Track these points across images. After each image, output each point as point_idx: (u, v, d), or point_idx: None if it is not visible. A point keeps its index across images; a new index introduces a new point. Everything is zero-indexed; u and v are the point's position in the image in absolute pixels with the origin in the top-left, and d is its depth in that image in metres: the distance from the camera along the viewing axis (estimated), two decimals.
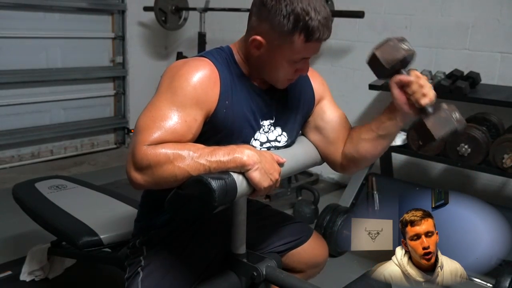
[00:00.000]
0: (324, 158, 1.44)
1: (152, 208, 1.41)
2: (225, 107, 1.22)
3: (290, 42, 1.18)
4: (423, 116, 1.16)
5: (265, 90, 1.32)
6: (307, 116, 1.43)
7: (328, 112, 1.42)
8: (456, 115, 1.16)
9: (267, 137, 1.34)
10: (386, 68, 1.18)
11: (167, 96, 1.16)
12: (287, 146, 1.39)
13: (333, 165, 1.44)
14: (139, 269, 1.34)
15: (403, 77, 1.18)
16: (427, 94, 1.17)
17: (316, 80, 1.44)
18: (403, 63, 1.19)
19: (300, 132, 1.46)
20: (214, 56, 1.26)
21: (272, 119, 1.34)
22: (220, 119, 1.22)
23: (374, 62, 1.20)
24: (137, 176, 1.11)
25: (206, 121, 1.21)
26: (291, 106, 1.37)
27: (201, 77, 1.18)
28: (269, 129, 1.34)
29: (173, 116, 1.14)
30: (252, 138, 1.31)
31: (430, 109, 1.16)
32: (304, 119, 1.43)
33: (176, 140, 1.13)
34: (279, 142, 1.37)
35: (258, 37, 1.20)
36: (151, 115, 1.15)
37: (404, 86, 1.19)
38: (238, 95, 1.26)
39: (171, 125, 1.13)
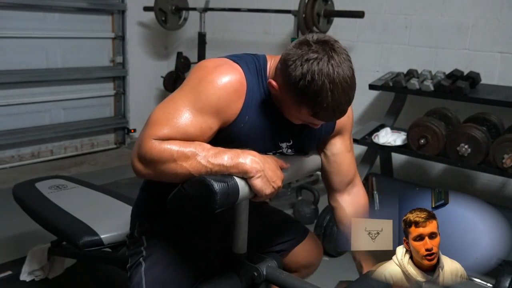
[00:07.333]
0: (321, 176, 1.48)
1: (154, 193, 1.38)
2: (243, 122, 1.20)
3: (297, 109, 1.15)
4: None
5: None
6: (322, 141, 1.42)
7: (339, 146, 1.43)
8: None
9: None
10: None
11: (189, 98, 1.14)
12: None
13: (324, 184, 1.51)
14: (141, 259, 1.33)
15: None
16: None
17: None
18: None
19: None
20: (247, 65, 1.22)
21: (289, 141, 1.32)
22: (236, 131, 1.20)
23: None
24: (140, 167, 1.12)
25: (220, 129, 1.19)
26: (309, 132, 1.34)
27: (227, 88, 1.15)
28: (286, 150, 1.33)
29: (190, 118, 1.13)
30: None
31: None
32: (318, 143, 1.43)
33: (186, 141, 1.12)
34: None
35: (274, 83, 1.17)
36: (168, 111, 1.13)
37: None
38: (259, 112, 1.23)
39: (185, 126, 1.12)
